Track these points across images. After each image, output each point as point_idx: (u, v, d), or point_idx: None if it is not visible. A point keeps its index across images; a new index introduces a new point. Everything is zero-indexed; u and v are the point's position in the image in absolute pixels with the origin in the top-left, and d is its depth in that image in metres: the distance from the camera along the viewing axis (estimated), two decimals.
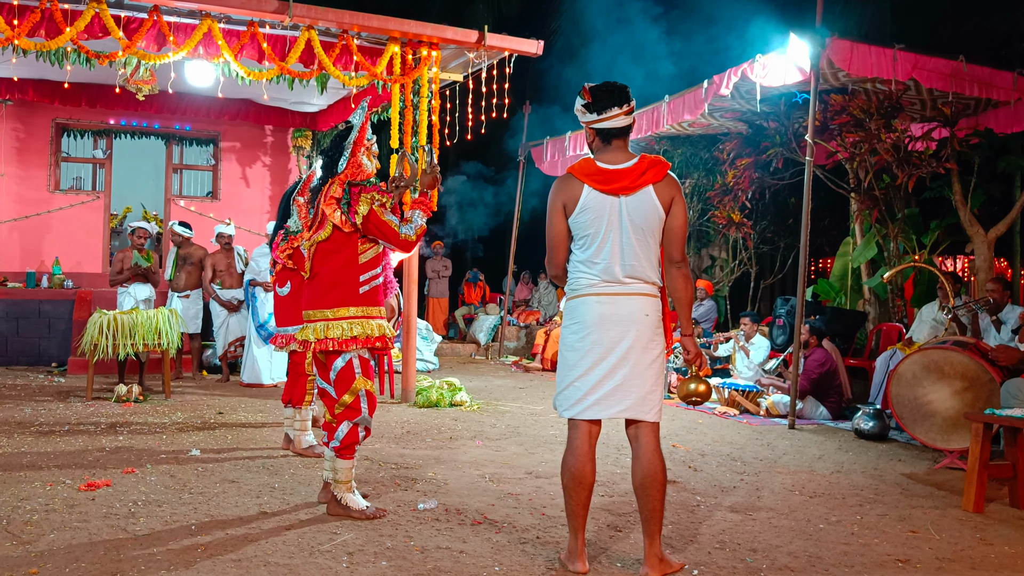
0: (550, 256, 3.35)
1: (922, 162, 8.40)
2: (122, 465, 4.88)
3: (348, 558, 3.39)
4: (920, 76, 7.29)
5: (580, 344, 3.26)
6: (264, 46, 7.34)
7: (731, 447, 6.13)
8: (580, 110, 3.34)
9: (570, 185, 3.28)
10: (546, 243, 3.34)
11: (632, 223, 3.23)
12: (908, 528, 4.13)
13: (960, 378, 5.56)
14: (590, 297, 3.26)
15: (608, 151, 3.33)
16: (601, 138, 3.35)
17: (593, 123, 3.32)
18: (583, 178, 3.26)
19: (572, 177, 3.29)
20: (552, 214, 3.31)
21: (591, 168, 3.29)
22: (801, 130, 8.54)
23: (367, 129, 4.15)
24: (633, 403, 3.23)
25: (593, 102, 3.29)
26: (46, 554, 3.30)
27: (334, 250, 3.97)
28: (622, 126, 3.32)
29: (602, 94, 3.29)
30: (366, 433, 4.00)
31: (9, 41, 6.69)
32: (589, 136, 3.38)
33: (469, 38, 7.91)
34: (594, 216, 3.24)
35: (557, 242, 3.32)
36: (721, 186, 10.89)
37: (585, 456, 3.28)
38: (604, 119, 3.29)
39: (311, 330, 3.96)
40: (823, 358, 7.50)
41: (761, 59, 7.71)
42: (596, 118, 3.30)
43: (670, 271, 3.35)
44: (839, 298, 10.89)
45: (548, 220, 3.32)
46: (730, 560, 3.54)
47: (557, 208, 3.29)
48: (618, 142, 3.34)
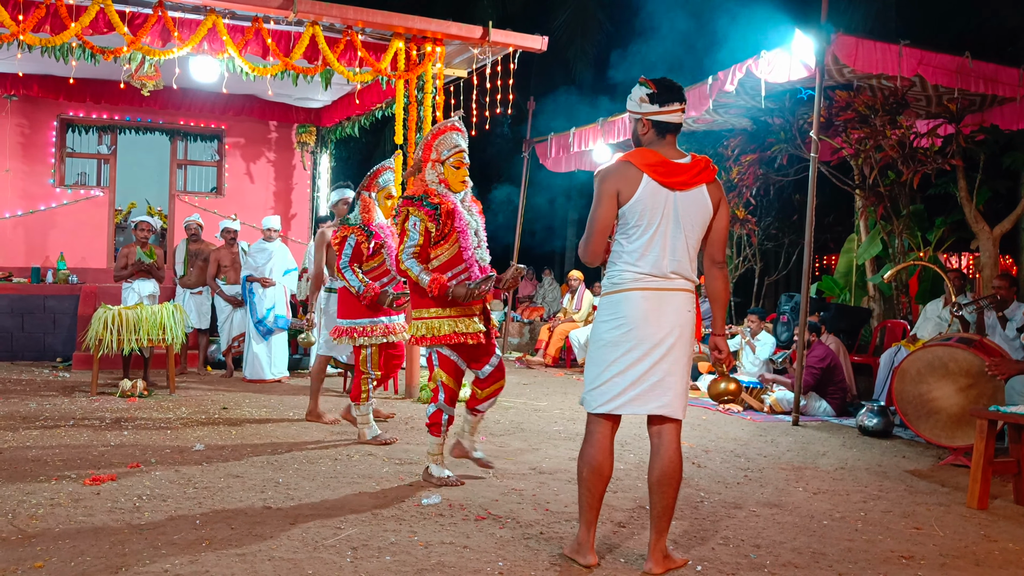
0: (590, 242, 3.25)
1: (927, 158, 8.38)
2: (127, 460, 4.89)
3: (352, 553, 3.39)
4: (925, 72, 7.27)
5: (623, 339, 3.21)
6: (268, 42, 7.34)
7: (735, 443, 6.13)
8: (641, 100, 3.30)
9: (628, 172, 3.21)
10: (588, 226, 3.24)
11: (684, 219, 3.23)
12: (912, 524, 4.13)
13: (964, 375, 5.55)
14: (635, 292, 3.21)
15: (663, 146, 3.30)
16: (657, 131, 3.31)
17: (653, 115, 3.29)
18: (643, 167, 3.20)
19: (631, 165, 3.22)
20: (603, 198, 3.21)
21: (653, 158, 3.23)
22: (806, 126, 8.51)
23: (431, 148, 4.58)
24: (670, 400, 3.24)
25: (658, 93, 3.27)
26: (51, 548, 3.32)
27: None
28: (678, 122, 3.32)
29: (665, 87, 3.29)
30: (449, 419, 4.50)
31: (14, 36, 6.70)
32: (643, 128, 3.33)
33: (473, 34, 7.90)
34: (649, 207, 3.19)
35: (602, 228, 3.23)
36: (725, 182, 10.86)
37: (607, 450, 3.28)
38: (665, 112, 3.27)
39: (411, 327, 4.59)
40: (824, 353, 7.49)
41: (766, 55, 7.69)
42: (657, 110, 3.27)
43: (712, 271, 3.40)
44: (843, 295, 10.87)
45: (597, 203, 3.22)
46: (734, 556, 3.54)
47: (610, 193, 3.20)
48: (671, 138, 3.33)
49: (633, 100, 3.33)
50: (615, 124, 10.47)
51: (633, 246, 3.22)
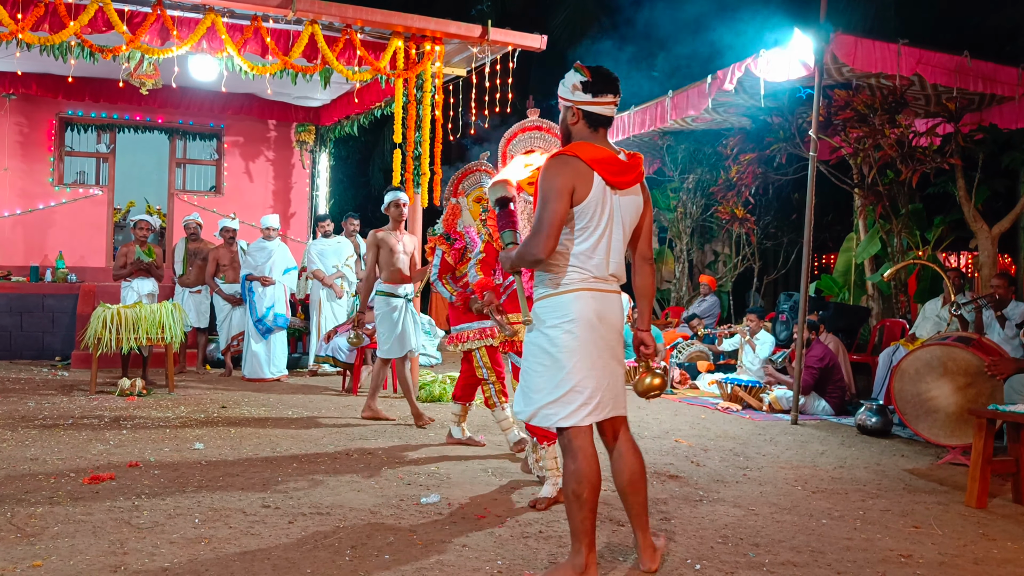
0: (545, 240, 2.97)
1: (926, 158, 8.39)
2: (126, 459, 4.89)
3: (351, 551, 3.39)
4: (924, 71, 7.27)
5: (577, 344, 3.04)
6: (268, 40, 7.34)
7: (734, 442, 6.13)
8: (574, 87, 3.12)
9: (580, 168, 3.02)
10: (542, 224, 2.98)
11: (624, 219, 3.13)
12: (911, 523, 4.13)
13: (963, 374, 5.55)
14: (585, 292, 3.07)
15: (597, 140, 3.14)
16: (588, 123, 3.14)
17: (586, 104, 3.11)
18: (593, 164, 3.03)
19: (580, 161, 3.02)
20: (560, 194, 2.98)
21: (601, 154, 3.06)
22: (805, 125, 8.52)
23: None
24: (622, 400, 3.18)
25: (592, 82, 3.10)
26: (50, 547, 3.32)
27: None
28: (611, 115, 3.18)
29: (601, 76, 3.13)
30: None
31: (13, 35, 6.69)
32: (573, 118, 3.15)
33: (472, 33, 7.90)
34: (598, 207, 3.05)
35: (557, 225, 2.98)
36: (724, 181, 10.88)
37: (596, 460, 3.09)
38: (598, 103, 3.11)
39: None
40: (822, 353, 7.50)
41: (765, 54, 7.70)
42: (590, 99, 3.10)
43: (644, 267, 3.29)
44: (842, 294, 10.88)
45: (551, 199, 2.98)
46: (733, 555, 3.54)
47: (566, 189, 2.99)
48: (604, 132, 3.18)
49: (565, 86, 3.16)
50: (614, 123, 10.46)
51: (581, 248, 3.06)
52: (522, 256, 3.06)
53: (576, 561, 3.05)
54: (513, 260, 3.13)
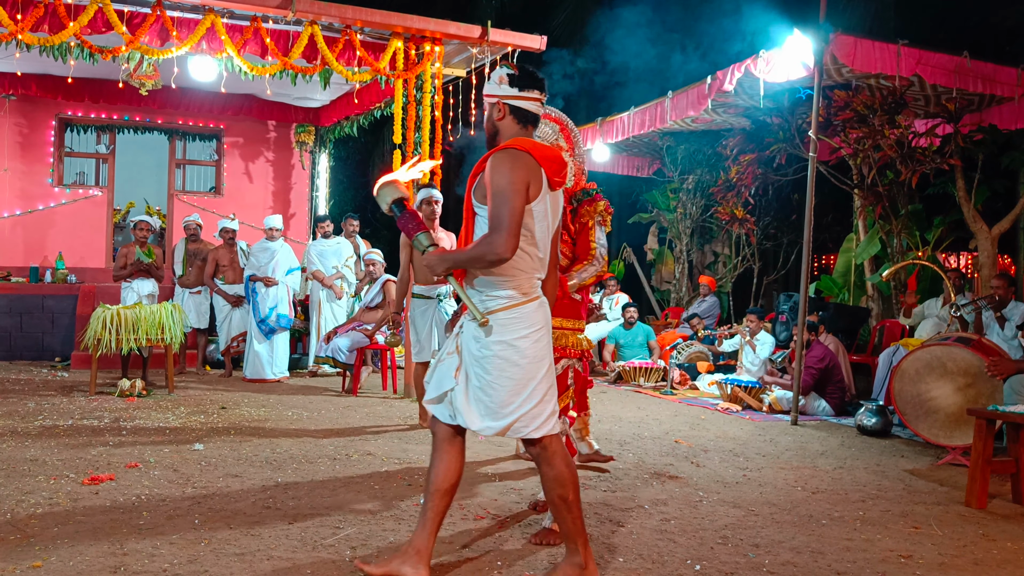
0: (508, 238, 2.80)
1: (926, 158, 8.39)
2: (125, 459, 4.89)
3: (351, 552, 3.39)
4: (924, 72, 7.28)
5: (543, 352, 2.98)
6: (267, 41, 7.34)
7: (734, 443, 6.13)
8: (501, 80, 3.05)
9: (531, 166, 2.91)
10: (505, 220, 2.81)
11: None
12: (911, 524, 4.13)
13: (963, 374, 5.55)
14: (537, 301, 3.00)
15: (526, 136, 3.05)
16: (518, 119, 3.05)
17: (511, 98, 3.03)
18: (543, 163, 2.94)
19: (532, 157, 2.92)
20: (518, 190, 2.84)
21: (548, 152, 2.98)
22: (804, 126, 8.52)
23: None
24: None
25: (519, 76, 3.05)
26: (50, 548, 3.31)
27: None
28: (538, 113, 3.09)
29: (527, 72, 3.07)
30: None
31: (12, 36, 6.69)
32: (499, 113, 3.05)
33: (472, 33, 7.91)
34: (545, 208, 2.97)
35: (519, 222, 2.84)
36: (724, 182, 10.88)
37: (571, 459, 3.06)
38: (524, 97, 3.03)
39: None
40: (822, 353, 7.50)
41: (765, 55, 7.70)
42: (516, 93, 3.03)
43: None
44: (842, 294, 10.88)
45: (508, 195, 2.82)
46: (732, 555, 3.54)
47: (523, 185, 2.86)
48: (532, 129, 3.09)
49: (492, 82, 3.08)
50: (613, 124, 10.48)
51: (533, 250, 2.96)
52: (481, 256, 2.85)
53: (575, 560, 3.04)
54: (463, 260, 2.93)
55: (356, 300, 9.55)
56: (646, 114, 9.83)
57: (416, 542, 3.05)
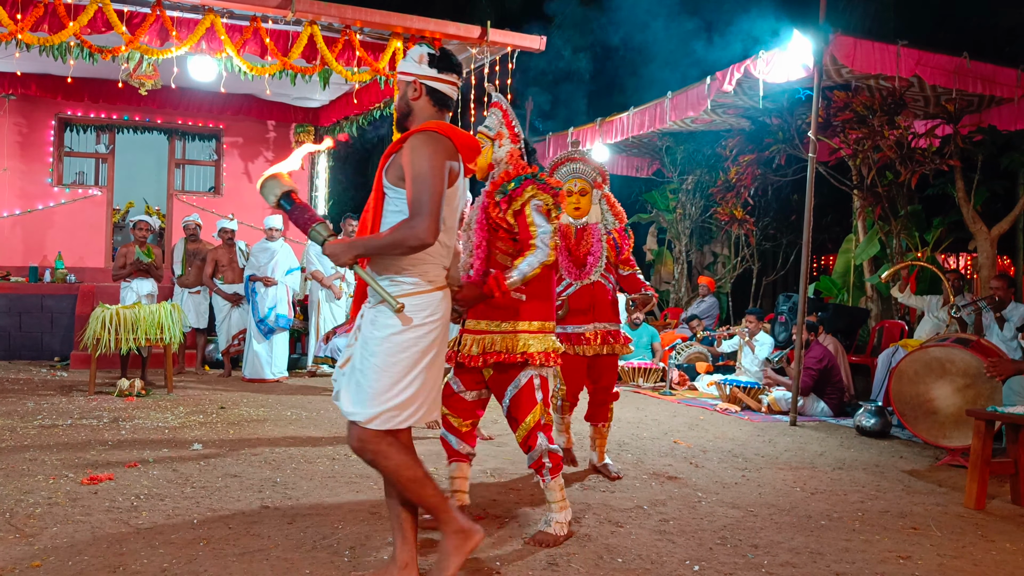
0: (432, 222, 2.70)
1: (925, 159, 8.40)
2: (124, 459, 4.89)
3: (350, 552, 3.39)
4: (923, 73, 7.28)
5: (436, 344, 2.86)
6: (267, 41, 7.34)
7: (732, 443, 6.13)
8: (420, 58, 2.95)
9: (452, 153, 2.83)
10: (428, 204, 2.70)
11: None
12: (909, 525, 4.13)
13: (962, 375, 5.55)
14: (443, 291, 2.91)
15: (441, 120, 2.97)
16: (434, 101, 2.97)
17: (430, 79, 2.94)
18: (461, 149, 2.86)
19: (451, 143, 2.84)
20: (440, 174, 2.75)
21: (467, 140, 2.90)
22: (804, 127, 8.53)
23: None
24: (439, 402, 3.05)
25: (439, 57, 2.95)
26: (49, 548, 3.31)
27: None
28: (454, 97, 3.02)
29: (447, 54, 2.99)
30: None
31: (12, 36, 6.69)
32: (414, 93, 2.96)
33: (472, 33, 7.91)
34: (456, 195, 2.89)
35: (442, 203, 2.75)
36: (724, 183, 10.89)
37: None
38: (442, 80, 2.96)
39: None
40: (821, 354, 7.50)
41: (764, 55, 7.71)
42: (436, 75, 2.94)
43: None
44: (841, 295, 10.89)
45: (430, 178, 2.73)
46: (731, 556, 3.54)
47: (444, 169, 2.78)
48: (446, 112, 2.99)
49: (410, 60, 2.97)
50: (613, 124, 10.48)
51: (442, 238, 2.85)
52: (401, 241, 2.72)
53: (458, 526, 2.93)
54: (379, 246, 2.79)
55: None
56: (645, 115, 9.83)
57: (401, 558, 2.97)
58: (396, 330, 2.80)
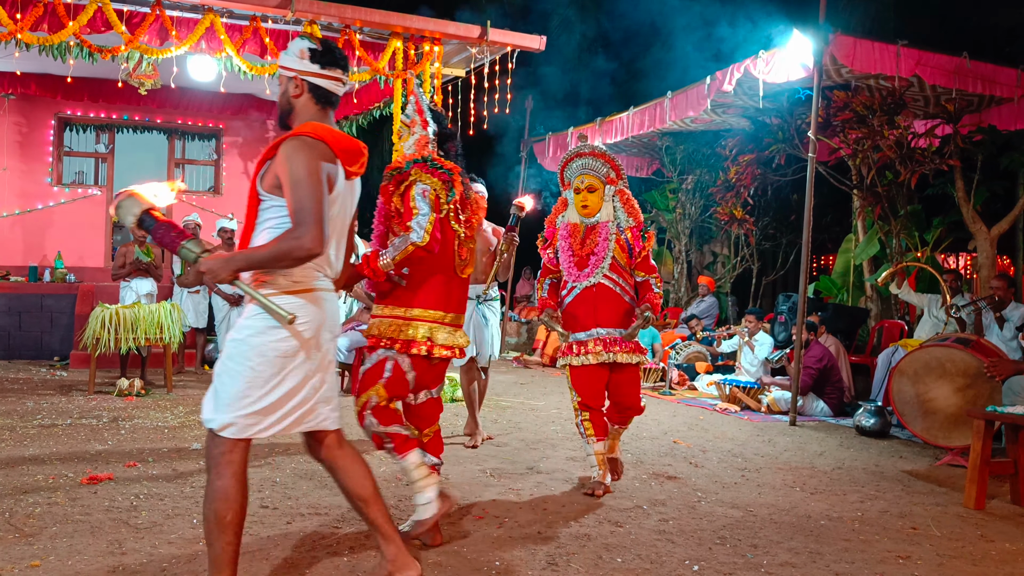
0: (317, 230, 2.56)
1: (925, 159, 8.39)
2: (124, 459, 4.89)
3: (349, 552, 3.39)
4: (923, 72, 7.28)
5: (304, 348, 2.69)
6: (266, 40, 7.34)
7: (732, 443, 6.13)
8: (302, 53, 2.79)
9: (328, 156, 2.69)
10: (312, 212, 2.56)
11: (349, 213, 2.87)
12: (909, 525, 4.13)
13: (962, 375, 5.55)
14: (321, 293, 2.76)
15: (325, 119, 2.83)
16: (317, 99, 2.81)
17: (313, 75, 2.78)
18: (340, 155, 2.73)
19: (328, 148, 2.70)
20: (319, 180, 2.62)
21: (347, 144, 2.77)
22: (804, 126, 8.52)
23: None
24: (335, 407, 2.87)
25: (322, 52, 2.80)
26: (48, 547, 3.31)
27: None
28: (339, 95, 2.87)
29: (330, 48, 2.84)
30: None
31: (12, 35, 6.69)
32: (296, 90, 2.80)
33: (471, 33, 7.91)
34: (341, 200, 2.78)
35: (323, 213, 2.60)
36: (723, 182, 10.89)
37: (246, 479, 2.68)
38: (326, 76, 2.80)
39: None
40: (820, 354, 7.50)
41: (764, 55, 7.71)
42: (319, 71, 2.78)
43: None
44: (841, 295, 10.89)
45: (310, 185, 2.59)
46: (731, 556, 3.54)
47: (323, 171, 2.65)
48: (330, 111, 2.86)
49: (291, 55, 2.81)
50: (612, 124, 10.48)
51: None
52: (287, 252, 2.57)
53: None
54: (262, 259, 2.61)
55: (355, 300, 9.55)
56: (645, 114, 9.83)
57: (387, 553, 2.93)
58: (255, 332, 2.65)
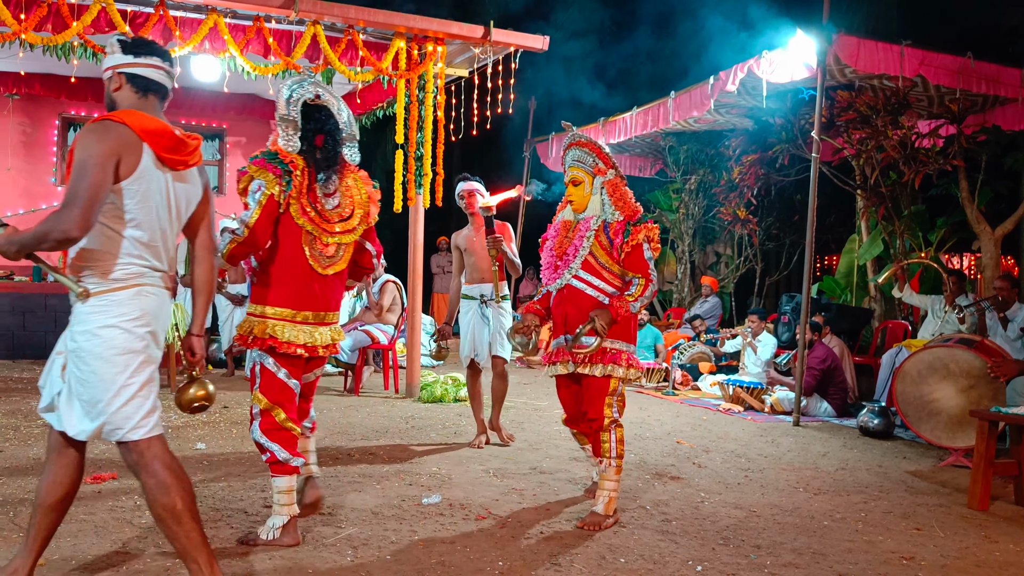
0: (79, 214, 2.49)
1: (929, 159, 8.38)
2: None
3: (353, 552, 3.40)
4: (927, 72, 7.27)
5: (138, 345, 2.67)
6: (270, 41, 7.34)
7: (735, 443, 6.12)
8: (112, 49, 2.81)
9: (127, 138, 2.64)
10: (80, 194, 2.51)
11: (176, 204, 2.82)
12: (913, 525, 4.13)
13: (965, 376, 5.54)
14: (148, 288, 2.73)
15: (147, 108, 2.81)
16: (136, 88, 2.80)
17: (127, 66, 2.78)
18: (144, 135, 2.67)
19: (128, 129, 2.65)
20: (100, 164, 2.56)
21: (154, 124, 2.72)
22: (807, 126, 8.51)
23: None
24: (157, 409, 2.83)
25: (132, 43, 2.83)
26: (53, 547, 3.31)
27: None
28: (162, 81, 2.85)
29: (142, 40, 2.87)
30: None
31: (16, 35, 6.70)
32: (116, 84, 2.80)
33: (475, 33, 7.90)
34: (149, 188, 2.70)
35: (94, 198, 2.53)
36: (727, 182, 10.88)
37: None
38: (143, 64, 2.79)
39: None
40: (824, 354, 7.49)
41: (768, 55, 7.70)
42: (132, 60, 2.78)
43: (207, 258, 3.02)
44: (844, 295, 10.87)
45: (88, 169, 2.54)
46: (734, 556, 3.54)
47: (108, 159, 2.58)
48: (155, 99, 2.85)
49: (109, 56, 2.83)
50: (615, 124, 10.48)
51: (138, 233, 2.69)
52: (45, 234, 2.51)
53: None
54: (29, 240, 2.55)
55: (358, 300, 9.56)
56: (648, 114, 9.83)
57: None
58: (85, 337, 2.63)
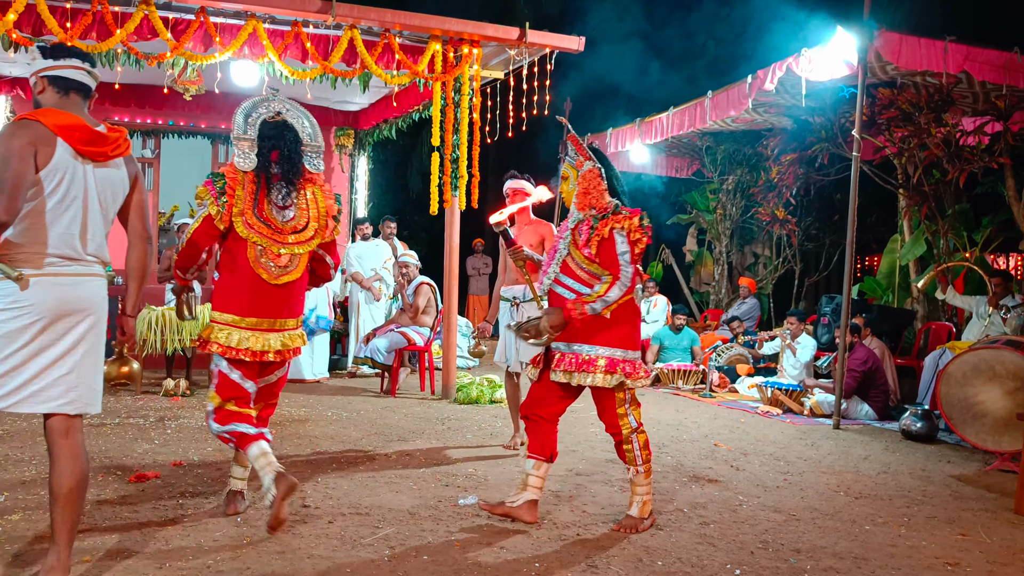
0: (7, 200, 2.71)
1: (974, 157, 8.21)
2: (170, 457, 4.98)
3: (390, 552, 3.42)
4: (972, 68, 7.12)
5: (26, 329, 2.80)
6: (308, 46, 7.42)
7: (774, 447, 6.05)
8: (33, 57, 3.04)
9: (40, 133, 2.83)
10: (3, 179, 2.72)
11: (100, 193, 3.02)
12: (957, 531, 4.04)
13: (1012, 378, 5.42)
14: (47, 278, 2.86)
15: (70, 106, 2.98)
16: (58, 88, 2.99)
17: (47, 70, 2.99)
18: (56, 130, 2.85)
19: (41, 125, 2.84)
20: (19, 155, 2.76)
21: (67, 120, 2.89)
22: (848, 125, 8.38)
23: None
24: (80, 395, 2.94)
25: (51, 49, 3.03)
26: (98, 543, 3.39)
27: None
28: (83, 80, 3.03)
29: (61, 45, 3.09)
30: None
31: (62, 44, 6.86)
32: (39, 87, 3.00)
33: (510, 35, 7.91)
34: (66, 176, 2.88)
35: (19, 186, 2.74)
36: (765, 182, 10.76)
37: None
38: (62, 66, 2.99)
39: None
40: (865, 356, 7.36)
41: (807, 53, 7.61)
42: (52, 64, 2.99)
43: (139, 245, 3.32)
44: (886, 296, 10.68)
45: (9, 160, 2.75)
46: (773, 560, 3.50)
47: (26, 151, 2.78)
48: (76, 97, 3.02)
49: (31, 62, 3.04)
50: (652, 124, 10.42)
51: (46, 222, 2.85)
52: None
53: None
54: None
55: (394, 302, 9.62)
56: (685, 114, 9.76)
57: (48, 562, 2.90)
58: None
